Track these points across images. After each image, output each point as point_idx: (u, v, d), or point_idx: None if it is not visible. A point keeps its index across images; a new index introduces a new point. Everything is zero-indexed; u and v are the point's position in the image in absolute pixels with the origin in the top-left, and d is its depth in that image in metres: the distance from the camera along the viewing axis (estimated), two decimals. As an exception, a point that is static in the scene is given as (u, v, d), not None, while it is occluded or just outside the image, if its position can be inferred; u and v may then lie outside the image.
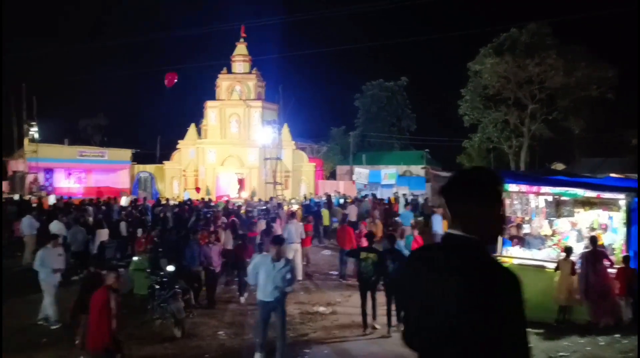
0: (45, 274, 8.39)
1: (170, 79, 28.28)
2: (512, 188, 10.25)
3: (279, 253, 6.83)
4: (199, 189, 32.07)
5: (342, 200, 24.27)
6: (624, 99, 29.84)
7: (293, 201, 25.71)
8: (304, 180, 34.53)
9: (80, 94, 58.61)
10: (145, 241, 12.13)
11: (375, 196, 24.87)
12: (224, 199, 25.36)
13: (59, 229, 12.40)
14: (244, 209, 19.77)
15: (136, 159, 36.04)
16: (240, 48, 35.64)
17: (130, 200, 23.99)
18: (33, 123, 35.76)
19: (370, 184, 33.07)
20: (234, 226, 13.35)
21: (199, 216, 16.23)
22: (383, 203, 22.05)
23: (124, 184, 33.92)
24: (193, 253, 9.72)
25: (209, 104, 34.27)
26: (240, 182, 33.49)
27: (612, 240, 9.41)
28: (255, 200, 25.63)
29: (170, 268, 8.89)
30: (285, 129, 34.07)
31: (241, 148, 33.18)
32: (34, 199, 24.17)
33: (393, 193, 28.00)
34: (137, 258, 10.35)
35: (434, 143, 44.32)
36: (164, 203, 20.78)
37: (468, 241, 1.84)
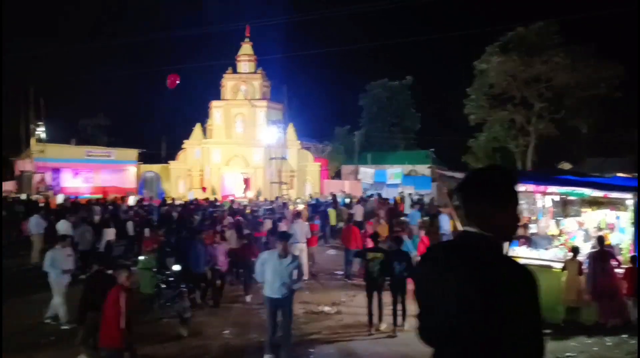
0: (55, 275, 8.44)
1: (172, 80, 28.34)
2: (519, 187, 10.18)
3: (285, 248, 6.83)
4: (205, 189, 32.15)
5: (348, 200, 24.24)
6: (632, 97, 29.56)
7: (299, 201, 25.71)
8: (309, 180, 34.53)
9: (86, 95, 59.05)
10: (152, 241, 12.16)
11: (380, 196, 24.84)
12: (229, 199, 25.41)
13: (66, 228, 12.46)
14: (249, 209, 19.79)
15: (142, 159, 36.21)
16: (246, 48, 35.66)
17: (137, 200, 24.10)
18: (40, 123, 36.05)
19: (376, 184, 33.02)
20: (238, 226, 13.37)
21: (204, 216, 16.26)
22: (388, 202, 22.02)
23: (130, 184, 34.09)
24: (198, 253, 9.74)
25: (214, 104, 34.34)
26: (246, 182, 33.54)
27: (620, 239, 9.34)
28: (261, 200, 25.66)
29: (177, 268, 8.93)
30: (291, 129, 34.08)
31: (246, 148, 33.21)
32: (41, 199, 24.32)
33: (399, 193, 27.91)
34: (144, 257, 10.39)
35: (440, 143, 44.19)
36: (170, 202, 20.84)
37: (484, 239, 1.86)
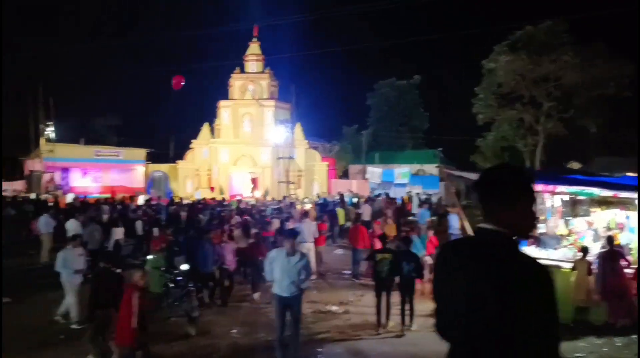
0: (67, 275, 8.51)
1: (177, 81, 28.42)
2: (533, 186, 10.12)
3: (293, 246, 6.85)
4: (212, 188, 32.24)
5: (355, 199, 24.20)
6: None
7: (306, 201, 25.73)
8: (316, 179, 34.51)
9: (96, 95, 59.43)
10: (161, 240, 12.22)
11: (388, 196, 24.79)
12: (237, 198, 25.48)
13: (75, 227, 12.55)
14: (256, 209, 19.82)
15: (150, 158, 36.40)
16: (253, 47, 35.71)
17: (146, 199, 24.24)
18: (50, 123, 36.34)
19: (383, 183, 32.93)
20: (246, 225, 13.40)
21: (212, 216, 16.32)
22: (395, 202, 21.97)
23: (139, 184, 34.27)
24: (206, 252, 9.78)
25: (222, 103, 34.42)
26: (254, 181, 33.59)
27: (629, 239, 9.28)
28: (269, 199, 25.70)
29: (185, 267, 8.96)
30: (298, 128, 34.07)
31: (254, 147, 33.26)
32: (50, 198, 24.53)
33: (406, 192, 27.84)
34: (152, 257, 10.44)
35: (448, 142, 44.03)
36: (178, 201, 20.93)
37: (498, 236, 1.88)
